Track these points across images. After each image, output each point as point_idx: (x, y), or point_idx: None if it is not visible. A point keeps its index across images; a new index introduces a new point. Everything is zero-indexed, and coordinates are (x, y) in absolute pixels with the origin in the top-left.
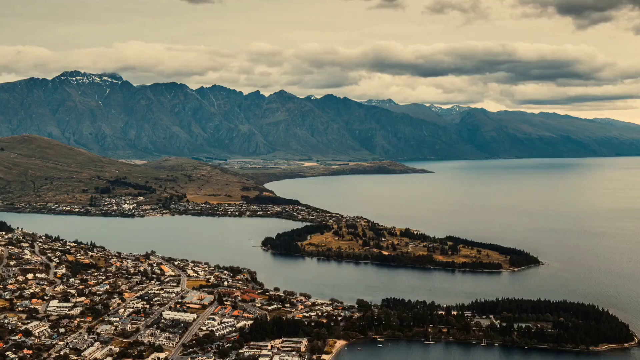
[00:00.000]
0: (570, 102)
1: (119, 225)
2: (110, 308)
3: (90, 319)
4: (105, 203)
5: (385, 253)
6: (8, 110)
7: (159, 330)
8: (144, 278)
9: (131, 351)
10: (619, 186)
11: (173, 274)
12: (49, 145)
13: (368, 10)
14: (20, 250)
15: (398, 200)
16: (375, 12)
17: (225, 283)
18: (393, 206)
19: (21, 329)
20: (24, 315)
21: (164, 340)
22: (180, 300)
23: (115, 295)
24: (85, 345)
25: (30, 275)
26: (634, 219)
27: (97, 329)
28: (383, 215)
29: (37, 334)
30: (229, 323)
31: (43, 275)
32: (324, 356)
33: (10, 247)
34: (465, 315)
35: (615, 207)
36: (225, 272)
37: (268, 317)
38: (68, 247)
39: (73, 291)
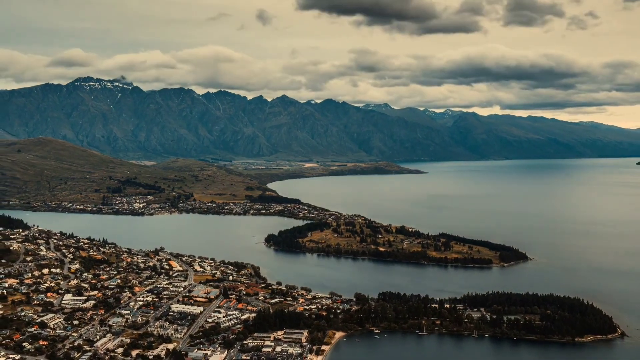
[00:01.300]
0: (553, 107)
1: (129, 223)
2: (122, 301)
3: (102, 311)
4: (117, 202)
5: (382, 249)
6: (25, 114)
7: (167, 323)
8: (153, 273)
9: (141, 342)
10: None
11: (181, 269)
12: (63, 147)
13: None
14: (36, 247)
15: (394, 199)
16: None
17: (230, 278)
18: (389, 205)
19: (37, 321)
20: (39, 308)
21: (172, 331)
22: (187, 294)
23: (126, 289)
24: (97, 337)
25: (45, 270)
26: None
27: (109, 321)
28: (380, 213)
29: (52, 326)
30: (234, 315)
31: (58, 270)
32: (323, 347)
33: (26, 243)
34: (458, 308)
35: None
36: (230, 267)
37: (271, 310)
38: (81, 243)
39: (86, 285)
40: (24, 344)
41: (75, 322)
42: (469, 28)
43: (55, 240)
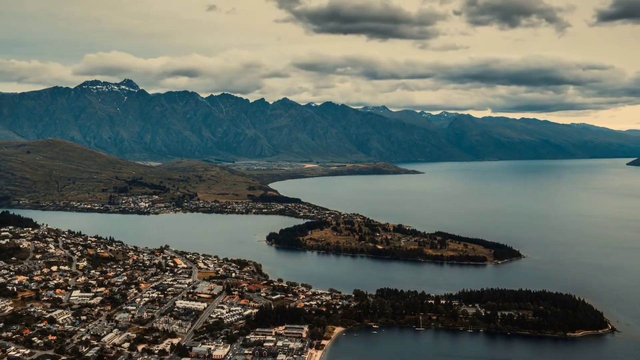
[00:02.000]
0: (543, 111)
1: (135, 222)
2: (128, 297)
3: (109, 307)
4: (123, 201)
5: (380, 247)
6: (34, 117)
7: (172, 318)
8: (158, 270)
9: (147, 337)
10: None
11: (185, 266)
12: (72, 148)
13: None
14: (45, 245)
15: (391, 199)
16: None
17: (233, 275)
18: (387, 204)
19: (46, 316)
20: (48, 304)
21: (177, 327)
22: (191, 291)
23: (132, 286)
24: (104, 332)
25: (54, 268)
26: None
27: (115, 316)
28: (377, 212)
29: (60, 322)
30: (237, 311)
31: (66, 268)
32: (323, 341)
33: (36, 241)
34: (453, 304)
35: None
36: (233, 264)
37: (272, 306)
38: (89, 241)
39: (93, 282)
40: (33, 338)
41: (83, 317)
42: (460, 47)
43: (63, 239)
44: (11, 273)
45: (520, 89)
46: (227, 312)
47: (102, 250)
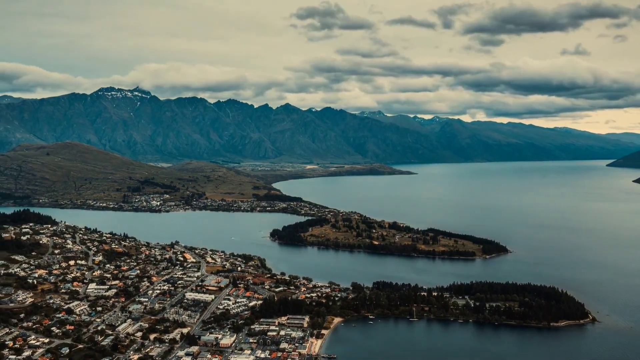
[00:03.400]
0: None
1: (147, 219)
2: (141, 290)
3: (123, 299)
4: (136, 200)
5: (376, 243)
6: (53, 121)
7: (182, 309)
8: (169, 264)
9: (158, 327)
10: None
11: (194, 260)
12: (88, 150)
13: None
14: (64, 241)
15: (386, 198)
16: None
17: (239, 269)
18: (382, 203)
19: (64, 308)
20: (66, 296)
21: (187, 317)
22: (200, 283)
23: (145, 279)
24: (119, 322)
25: (72, 262)
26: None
27: (129, 308)
28: (374, 210)
29: (77, 312)
30: (242, 303)
31: (83, 262)
32: (323, 331)
33: (55, 238)
34: (444, 296)
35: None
36: (239, 259)
37: (275, 298)
38: (104, 237)
39: (109, 275)
40: (52, 328)
41: (99, 308)
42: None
43: (80, 235)
44: (32, 267)
45: (508, 96)
46: (233, 304)
47: (116, 246)
